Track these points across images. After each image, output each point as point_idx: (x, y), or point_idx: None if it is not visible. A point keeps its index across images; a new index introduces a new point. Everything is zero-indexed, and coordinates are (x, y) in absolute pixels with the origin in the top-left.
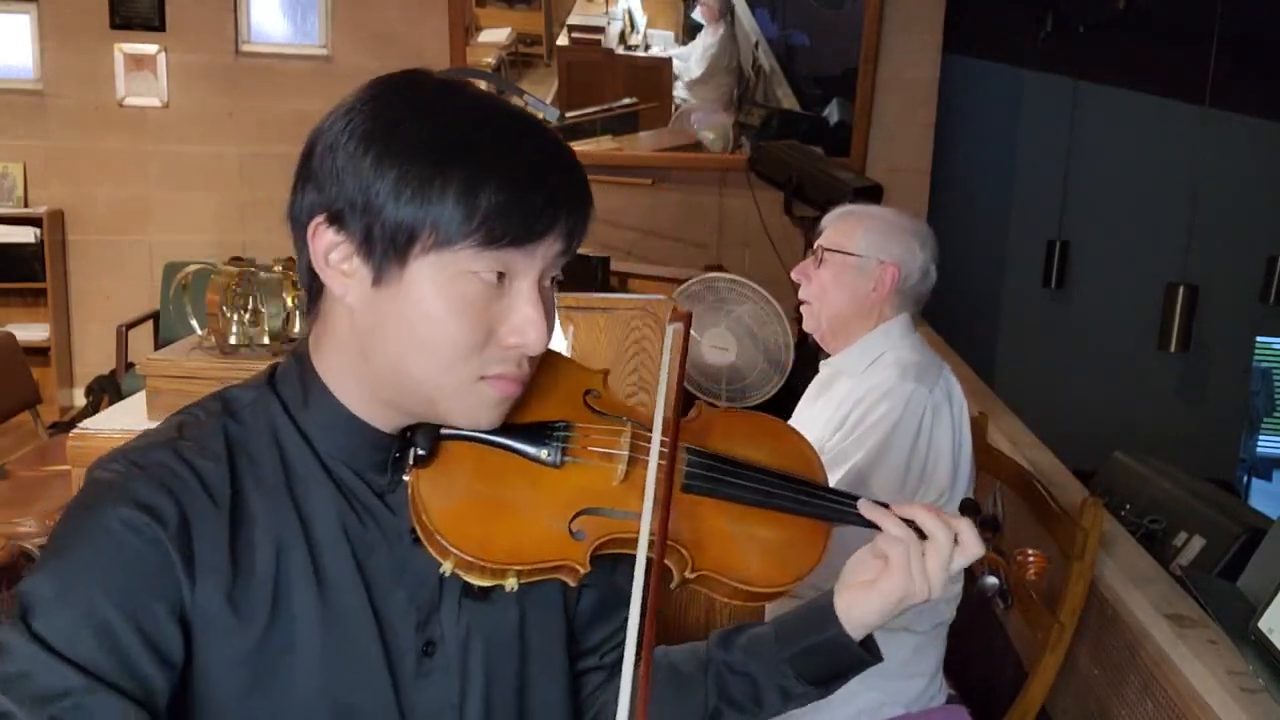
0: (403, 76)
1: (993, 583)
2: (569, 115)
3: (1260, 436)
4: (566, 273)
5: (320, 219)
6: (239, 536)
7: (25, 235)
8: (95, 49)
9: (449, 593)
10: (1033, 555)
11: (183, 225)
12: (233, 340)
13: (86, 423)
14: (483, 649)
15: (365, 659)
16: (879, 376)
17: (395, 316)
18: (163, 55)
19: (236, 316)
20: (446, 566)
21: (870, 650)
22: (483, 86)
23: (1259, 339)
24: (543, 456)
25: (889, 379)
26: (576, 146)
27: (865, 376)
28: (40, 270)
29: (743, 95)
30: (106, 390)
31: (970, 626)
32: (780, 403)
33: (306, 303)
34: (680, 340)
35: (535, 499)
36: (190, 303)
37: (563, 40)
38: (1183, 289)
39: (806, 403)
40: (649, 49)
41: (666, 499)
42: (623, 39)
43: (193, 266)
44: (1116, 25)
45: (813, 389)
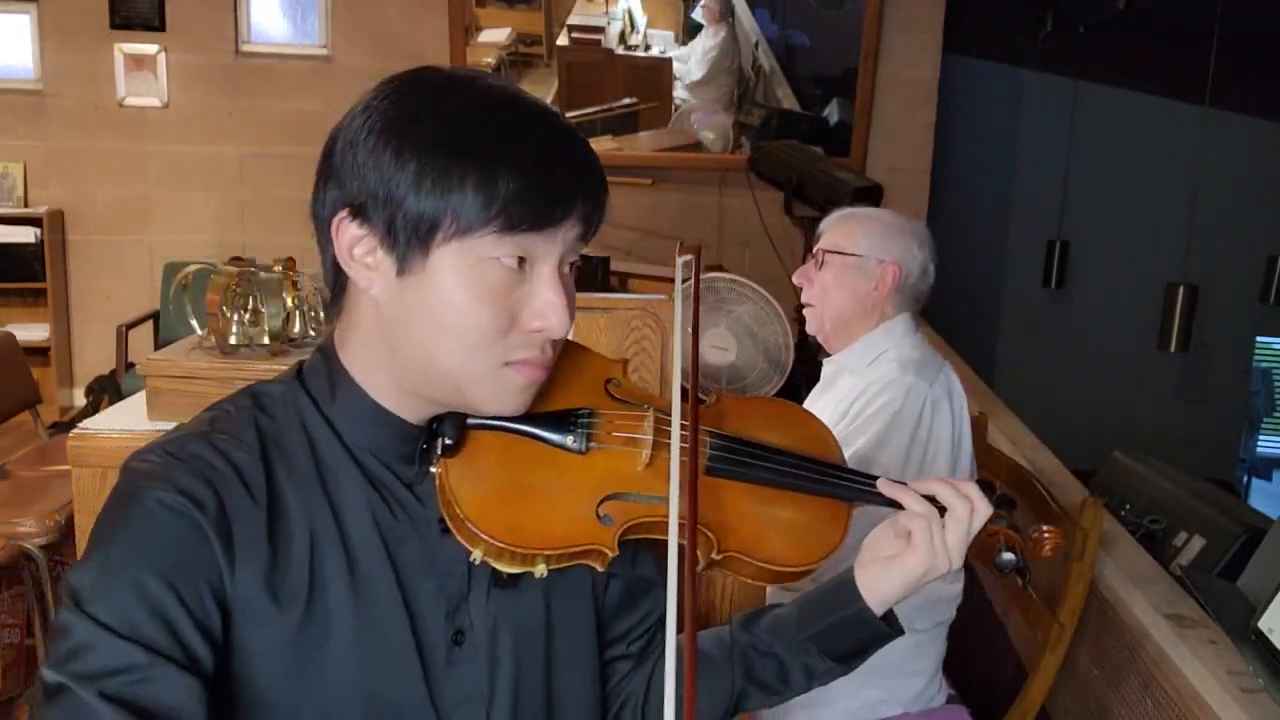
0: (416, 73)
1: (1010, 559)
2: (569, 115)
3: (1260, 436)
4: None
5: (343, 214)
6: (275, 526)
7: (25, 235)
8: (95, 49)
9: (477, 582)
10: (1048, 532)
11: (183, 225)
12: (233, 340)
13: (86, 423)
14: (511, 638)
15: (396, 649)
16: (880, 371)
17: (420, 305)
18: (163, 55)
19: (236, 316)
20: (476, 554)
21: (891, 624)
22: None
23: (1259, 339)
24: (568, 444)
25: (890, 373)
26: None
27: (867, 372)
28: (40, 270)
29: (743, 95)
30: (106, 390)
31: (970, 626)
32: None
33: (330, 299)
34: (693, 272)
35: (562, 485)
36: (190, 303)
37: (563, 40)
38: (1183, 289)
39: (810, 401)
40: (649, 49)
41: (693, 483)
42: (623, 39)
43: (193, 266)
44: (1116, 25)
45: (817, 389)
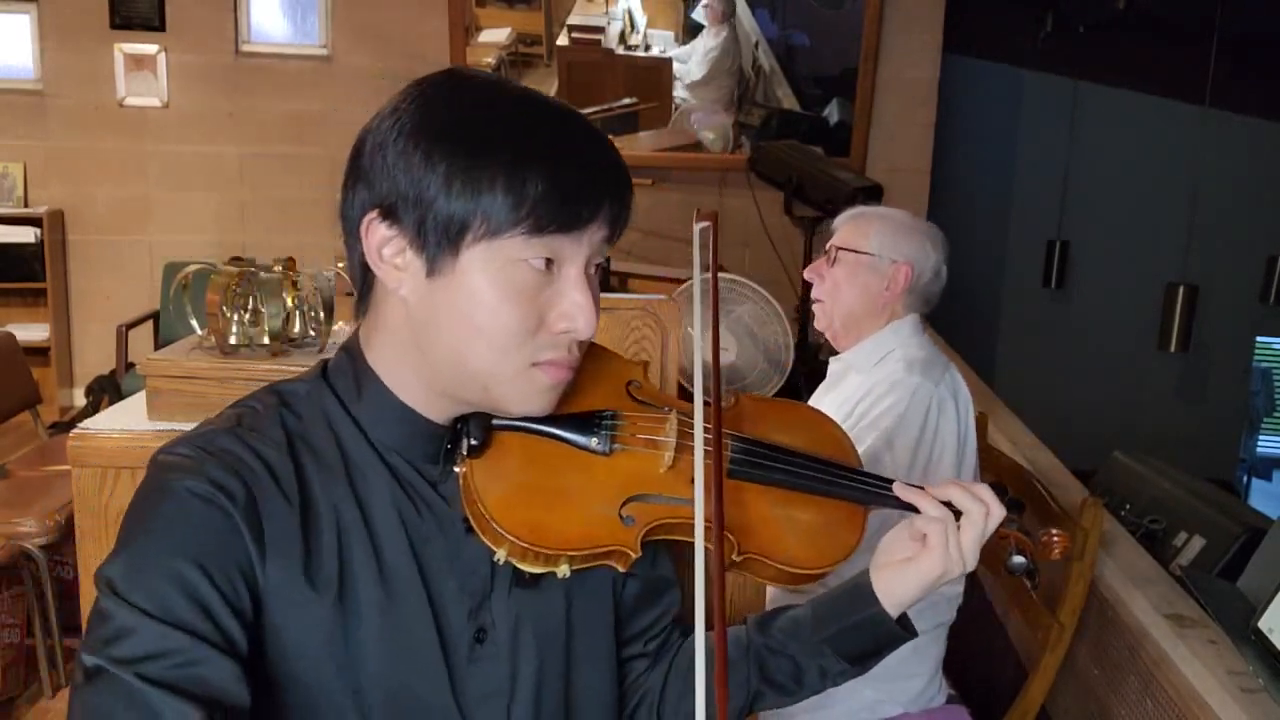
0: (445, 76)
1: (1021, 562)
2: None
3: (1260, 436)
4: None
5: (373, 215)
6: (306, 521)
7: (25, 235)
8: (95, 49)
9: (499, 581)
10: (1057, 535)
11: (183, 225)
12: (233, 340)
13: (86, 423)
14: (532, 636)
15: (421, 645)
16: (886, 371)
17: (450, 306)
18: (163, 55)
19: (236, 316)
20: (501, 554)
21: (905, 626)
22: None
23: (1259, 339)
24: (592, 445)
25: (896, 373)
26: None
27: (874, 372)
28: (40, 270)
29: (743, 95)
30: (106, 390)
31: (970, 626)
32: None
33: (357, 299)
34: (710, 240)
35: (586, 486)
36: (190, 303)
37: (563, 40)
38: (1183, 289)
39: (816, 399)
40: (649, 49)
41: (719, 485)
42: (623, 39)
43: (193, 266)
44: (1116, 25)
45: (823, 387)
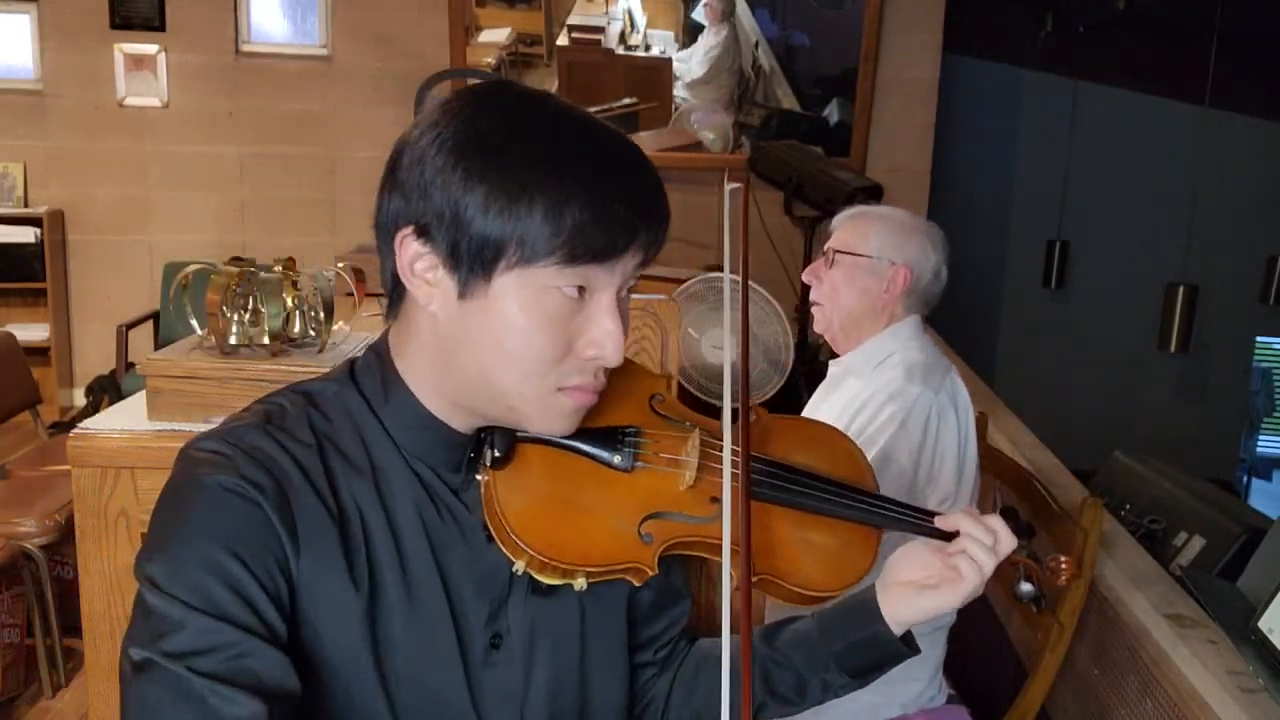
0: (489, 89)
1: (1029, 589)
2: None
3: (1260, 436)
4: None
5: (408, 230)
6: (335, 518)
7: (25, 235)
8: (95, 49)
9: (516, 588)
10: (1064, 562)
11: (183, 225)
12: (233, 340)
13: (86, 423)
14: (547, 643)
15: (441, 648)
16: (885, 378)
17: (480, 329)
18: (163, 55)
19: (236, 316)
20: (519, 565)
21: (909, 643)
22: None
23: (1259, 339)
24: (615, 462)
25: (895, 380)
26: None
27: (873, 377)
28: (40, 270)
29: (743, 95)
30: (106, 390)
31: (970, 627)
32: (781, 402)
33: (388, 304)
34: (741, 201)
35: (606, 502)
36: (190, 303)
37: (563, 40)
38: (1183, 289)
39: (815, 401)
40: (649, 49)
41: (746, 508)
42: (623, 39)
43: (193, 266)
44: (1116, 25)
45: (822, 389)
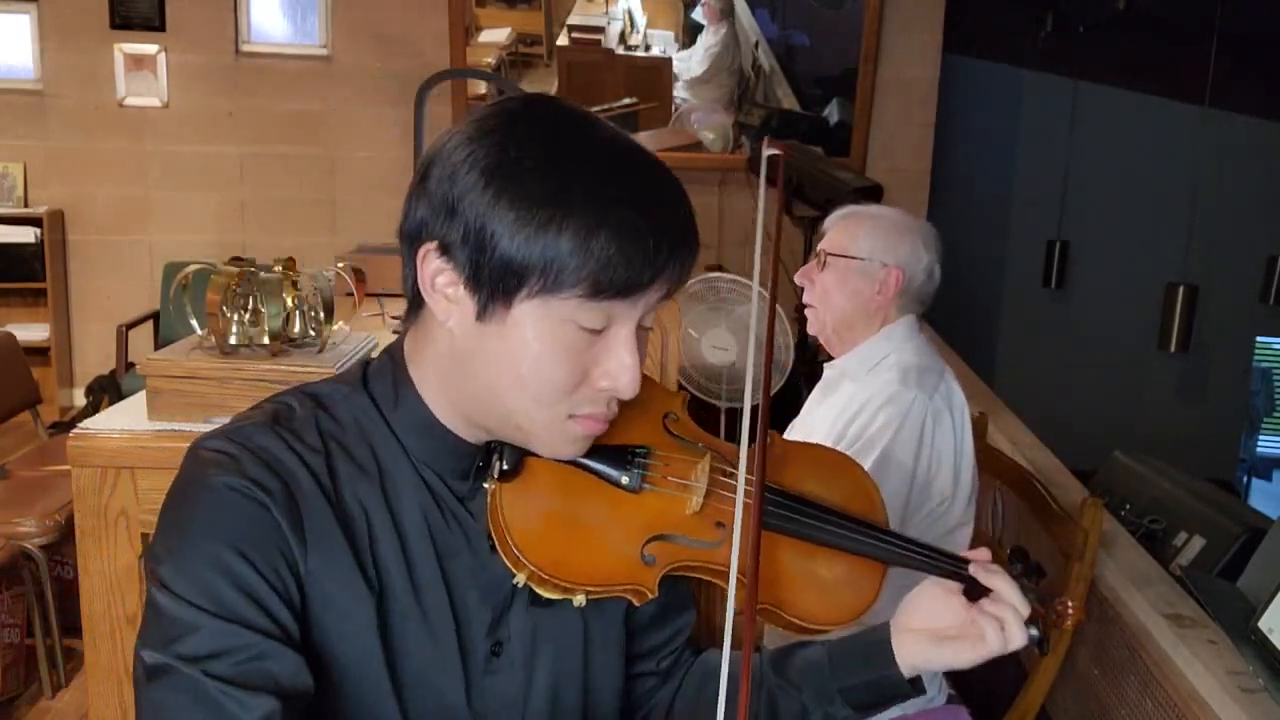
0: (529, 106)
1: (1034, 635)
2: None
3: (1260, 436)
4: None
5: (431, 246)
6: (343, 520)
7: (25, 235)
8: (95, 49)
9: (519, 597)
10: (1071, 607)
11: (183, 225)
12: (233, 340)
13: (86, 423)
14: (548, 652)
15: (444, 653)
16: (881, 381)
17: (495, 352)
18: (163, 55)
19: (236, 316)
20: (520, 578)
21: (915, 685)
22: (483, 86)
23: (1259, 339)
24: (623, 482)
25: (890, 385)
26: None
27: (868, 380)
28: (40, 270)
29: (743, 95)
30: (106, 390)
31: None
32: (781, 402)
33: (407, 309)
34: (779, 169)
35: (611, 522)
36: (190, 303)
37: (563, 40)
38: (1183, 289)
39: (811, 404)
40: (649, 49)
41: (756, 541)
42: (623, 39)
43: (193, 266)
44: (1116, 25)
45: (818, 392)
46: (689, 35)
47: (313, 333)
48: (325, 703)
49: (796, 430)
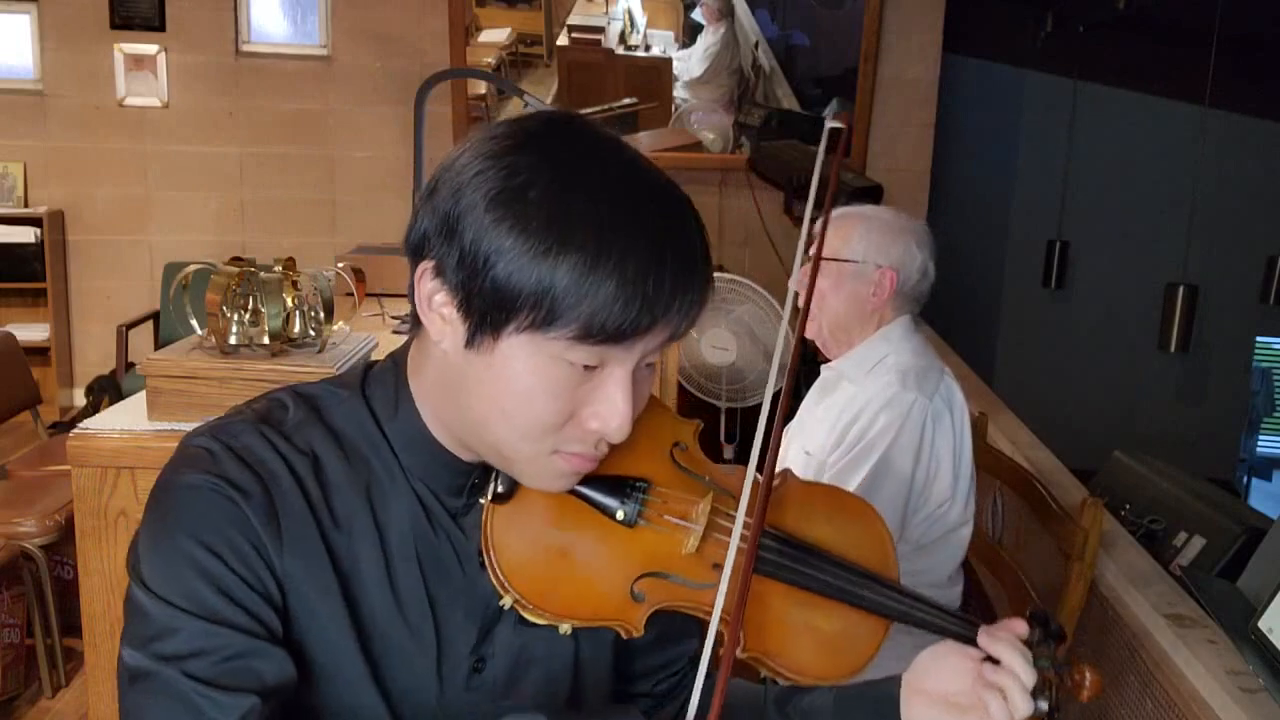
0: (547, 127)
1: (1041, 708)
2: None
3: (1260, 436)
4: None
5: (429, 265)
6: (323, 526)
7: (25, 235)
8: (95, 49)
9: (506, 617)
10: (1089, 679)
11: (183, 225)
12: (233, 340)
13: (86, 423)
14: (536, 673)
15: (418, 669)
16: (880, 383)
17: (481, 381)
18: (163, 55)
19: (236, 316)
20: (506, 601)
21: None
22: (483, 86)
23: (1259, 339)
24: (618, 516)
25: (889, 387)
26: None
27: (867, 382)
28: (40, 270)
29: (743, 95)
30: (106, 390)
31: None
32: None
33: (412, 318)
34: (840, 143)
35: (603, 555)
36: (190, 303)
37: (563, 40)
38: (1183, 289)
39: (809, 405)
40: (649, 49)
41: (744, 589)
42: (623, 39)
43: (193, 266)
44: (1116, 25)
45: (815, 392)
46: (689, 35)
47: (313, 333)
48: (308, 702)
49: (794, 431)
